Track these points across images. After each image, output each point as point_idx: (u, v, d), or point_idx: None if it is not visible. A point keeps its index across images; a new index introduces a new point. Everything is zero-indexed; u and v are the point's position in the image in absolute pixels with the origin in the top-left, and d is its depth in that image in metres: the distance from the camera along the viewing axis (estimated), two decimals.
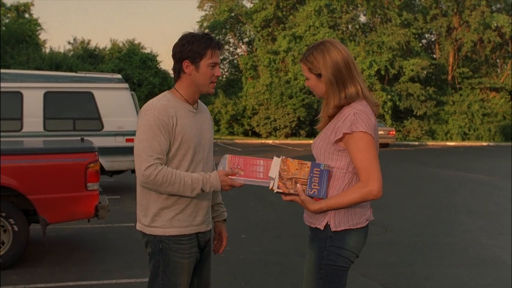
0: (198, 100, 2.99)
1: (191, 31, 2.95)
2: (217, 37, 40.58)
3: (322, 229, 2.67)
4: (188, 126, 2.84)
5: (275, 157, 2.70)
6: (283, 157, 2.69)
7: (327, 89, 2.70)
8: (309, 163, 2.67)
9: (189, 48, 2.79)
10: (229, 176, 2.75)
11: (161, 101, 2.82)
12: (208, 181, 2.76)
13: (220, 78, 47.55)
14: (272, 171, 2.67)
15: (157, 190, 2.76)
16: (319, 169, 2.64)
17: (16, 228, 5.80)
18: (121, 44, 39.26)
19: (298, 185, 2.64)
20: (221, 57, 44.43)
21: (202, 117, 2.98)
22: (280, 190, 2.65)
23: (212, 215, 3.17)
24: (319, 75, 2.70)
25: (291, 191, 2.65)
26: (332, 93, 2.69)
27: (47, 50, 37.27)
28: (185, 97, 2.88)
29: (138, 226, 2.91)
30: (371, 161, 2.58)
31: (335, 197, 2.63)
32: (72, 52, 37.59)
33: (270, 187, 2.68)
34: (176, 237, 2.84)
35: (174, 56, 2.86)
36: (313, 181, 2.64)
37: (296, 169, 2.66)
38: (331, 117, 2.73)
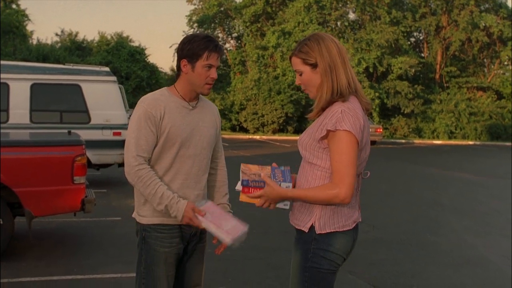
0: (202, 97, 3.04)
1: (186, 28, 3.01)
2: (205, 32, 40.48)
3: (306, 231, 2.59)
4: (177, 120, 2.87)
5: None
6: (243, 163, 2.74)
7: (322, 79, 2.59)
8: (269, 167, 2.70)
9: (188, 48, 2.85)
10: (196, 214, 2.79)
11: (154, 95, 2.91)
12: (175, 205, 2.78)
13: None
14: (238, 185, 2.68)
15: (134, 186, 2.84)
16: (280, 170, 2.68)
17: (0, 221, 5.73)
18: (109, 37, 39.10)
19: (262, 173, 2.63)
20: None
21: (202, 114, 3.00)
22: (240, 188, 2.66)
23: None
24: (314, 65, 2.60)
25: (256, 185, 2.63)
26: (326, 83, 2.58)
27: (34, 42, 37.06)
28: (180, 94, 2.93)
29: (133, 214, 3.00)
30: (347, 165, 2.47)
31: (303, 189, 2.59)
32: (59, 44, 37.36)
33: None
34: (157, 225, 2.88)
35: (177, 53, 2.94)
36: (276, 177, 2.64)
37: (258, 169, 2.68)
38: (323, 110, 2.63)
